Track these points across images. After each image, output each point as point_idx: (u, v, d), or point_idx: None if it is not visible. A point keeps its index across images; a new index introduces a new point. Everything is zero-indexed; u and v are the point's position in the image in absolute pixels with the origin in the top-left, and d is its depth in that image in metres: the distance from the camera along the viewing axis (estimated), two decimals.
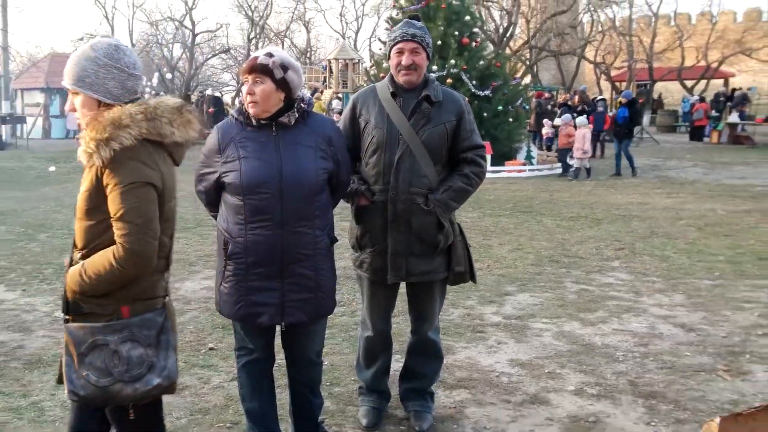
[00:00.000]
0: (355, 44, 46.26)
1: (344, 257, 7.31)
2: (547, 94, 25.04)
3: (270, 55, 2.82)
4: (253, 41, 43.60)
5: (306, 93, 3.05)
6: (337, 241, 3.06)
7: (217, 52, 44.41)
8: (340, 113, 17.25)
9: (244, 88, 2.88)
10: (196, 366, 4.31)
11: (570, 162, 15.28)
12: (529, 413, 3.71)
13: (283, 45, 45.60)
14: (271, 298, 2.88)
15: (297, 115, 2.89)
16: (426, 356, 3.60)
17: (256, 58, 2.83)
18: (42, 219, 9.65)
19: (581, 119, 15.62)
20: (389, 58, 3.36)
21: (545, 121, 20.39)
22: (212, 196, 3.02)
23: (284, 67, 2.82)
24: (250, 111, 2.86)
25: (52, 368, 4.24)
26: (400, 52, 3.27)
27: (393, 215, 3.27)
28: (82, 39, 43.49)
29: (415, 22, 3.34)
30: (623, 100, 15.95)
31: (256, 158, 2.84)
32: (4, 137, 23.91)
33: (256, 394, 3.15)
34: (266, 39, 44.20)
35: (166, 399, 3.75)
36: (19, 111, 28.50)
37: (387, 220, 3.29)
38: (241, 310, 2.91)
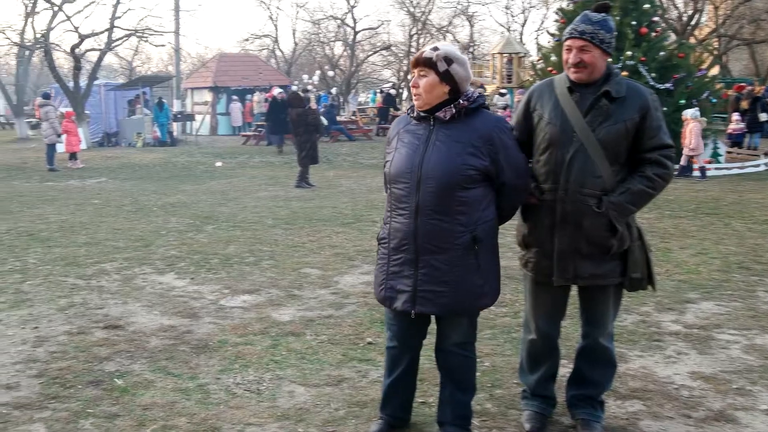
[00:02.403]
0: (521, 37, 45.67)
1: (506, 256, 7.26)
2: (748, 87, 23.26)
3: (435, 48, 3.01)
4: (415, 37, 44.27)
5: (474, 90, 3.11)
6: (480, 240, 3.03)
7: (377, 48, 45.61)
8: (503, 108, 17.07)
9: (411, 82, 3.10)
10: (354, 359, 4.44)
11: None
12: (713, 431, 3.48)
13: (444, 39, 45.86)
14: (406, 285, 3.07)
15: (454, 110, 3.01)
16: (597, 363, 3.48)
17: (423, 52, 3.04)
18: (209, 211, 10.41)
19: (691, 111, 14.12)
20: None
21: (734, 115, 19.02)
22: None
23: (448, 60, 2.98)
24: (415, 103, 3.09)
25: (218, 353, 4.56)
26: (569, 50, 3.21)
27: (561, 215, 3.21)
28: (247, 39, 46.45)
29: (594, 15, 3.22)
30: None
31: (406, 149, 3.08)
32: (175, 134, 26.04)
33: (391, 376, 3.39)
34: (428, 34, 44.72)
35: (325, 390, 3.95)
36: (189, 109, 30.87)
37: (555, 220, 3.23)
38: (382, 292, 3.20)
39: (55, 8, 26.84)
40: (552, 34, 17.76)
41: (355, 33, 43.85)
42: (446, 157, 2.97)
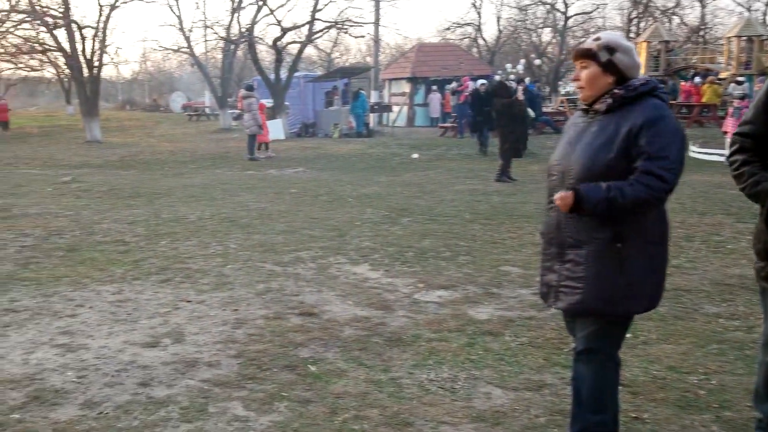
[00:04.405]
0: (764, 18, 42.21)
1: (739, 264, 6.78)
2: None
3: (597, 38, 3.06)
4: (635, 21, 42.51)
5: (641, 77, 3.05)
6: (626, 238, 2.95)
7: (591, 34, 44.38)
8: (741, 99, 15.91)
9: (573, 75, 3.22)
10: (557, 365, 4.35)
11: None
12: None
13: (669, 23, 43.60)
14: (553, 280, 3.18)
15: (610, 100, 3.01)
16: None
17: (583, 43, 3.13)
18: (404, 204, 10.68)
19: None
20: None
21: None
22: None
23: (610, 49, 3.01)
24: (579, 96, 3.17)
25: (411, 348, 4.65)
26: None
27: None
28: (448, 28, 47.04)
29: None
30: None
31: (563, 143, 3.20)
32: (371, 125, 27.01)
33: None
34: (650, 18, 42.71)
35: (525, 395, 3.90)
36: (386, 100, 31.89)
37: None
38: (540, 288, 3.32)
39: (260, 2, 28.87)
40: None
41: (566, 18, 42.96)
42: (590, 148, 3.00)
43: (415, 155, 18.45)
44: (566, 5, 42.57)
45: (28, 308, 5.54)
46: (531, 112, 17.27)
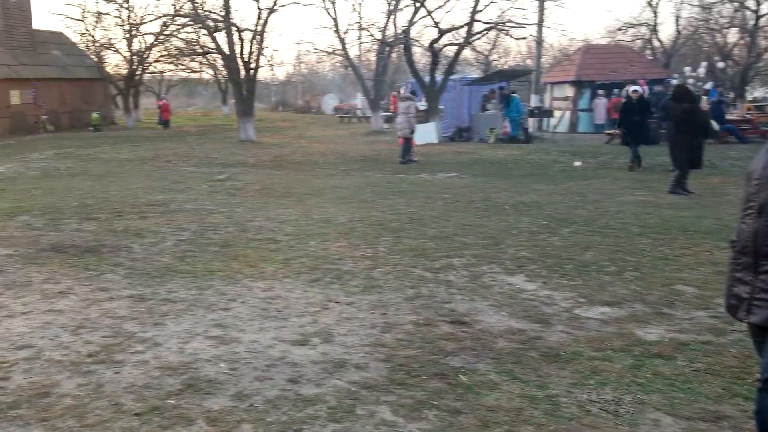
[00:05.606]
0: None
1: None
2: None
3: None
4: None
5: None
6: None
7: None
8: None
9: None
10: (738, 396, 4.12)
11: None
12: None
13: None
14: (745, 292, 3.07)
15: None
16: None
17: None
18: (565, 213, 10.45)
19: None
20: None
21: None
22: None
23: None
24: None
25: (570, 365, 4.54)
26: None
27: None
28: (620, 29, 45.62)
29: None
30: None
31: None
32: (530, 130, 26.69)
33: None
34: None
35: (699, 425, 3.71)
36: (547, 104, 31.39)
37: None
38: (727, 300, 3.22)
39: (417, 4, 29.22)
40: None
41: (758, 17, 40.63)
42: None
43: (578, 163, 18.02)
44: (758, 3, 40.23)
45: (184, 299, 5.90)
46: (715, 125, 16.36)
